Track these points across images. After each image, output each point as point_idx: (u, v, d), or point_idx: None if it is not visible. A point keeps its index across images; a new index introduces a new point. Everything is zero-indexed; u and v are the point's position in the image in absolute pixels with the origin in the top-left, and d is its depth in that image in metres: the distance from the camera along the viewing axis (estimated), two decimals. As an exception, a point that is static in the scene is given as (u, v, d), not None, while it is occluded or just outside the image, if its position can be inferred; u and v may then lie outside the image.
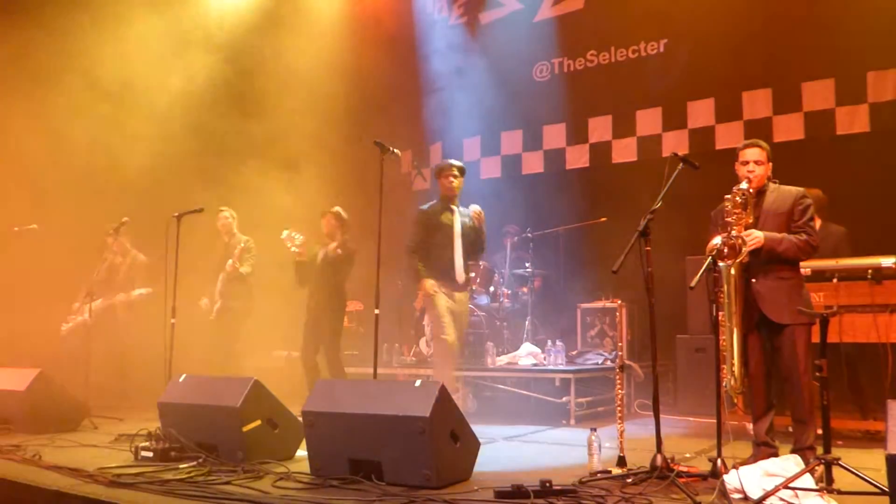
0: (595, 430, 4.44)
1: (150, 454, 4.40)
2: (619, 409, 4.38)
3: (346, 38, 9.32)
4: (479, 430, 4.25)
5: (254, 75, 8.99)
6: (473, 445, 4.03)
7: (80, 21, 7.97)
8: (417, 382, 3.92)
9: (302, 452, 4.40)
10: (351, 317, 8.22)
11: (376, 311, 5.17)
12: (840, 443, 4.72)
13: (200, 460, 4.25)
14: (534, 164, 9.34)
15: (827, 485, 3.34)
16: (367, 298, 7.41)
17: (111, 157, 7.77)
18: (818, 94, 7.45)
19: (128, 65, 7.94)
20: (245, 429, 4.29)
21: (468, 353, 7.44)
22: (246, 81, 8.90)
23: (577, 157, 8.99)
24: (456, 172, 6.19)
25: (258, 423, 4.37)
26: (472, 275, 6.79)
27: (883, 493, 2.97)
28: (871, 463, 3.36)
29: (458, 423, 3.91)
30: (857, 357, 5.40)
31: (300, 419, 4.22)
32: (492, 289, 7.82)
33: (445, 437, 3.77)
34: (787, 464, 3.52)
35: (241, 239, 7.33)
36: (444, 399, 3.76)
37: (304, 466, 4.06)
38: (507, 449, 5.23)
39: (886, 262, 5.03)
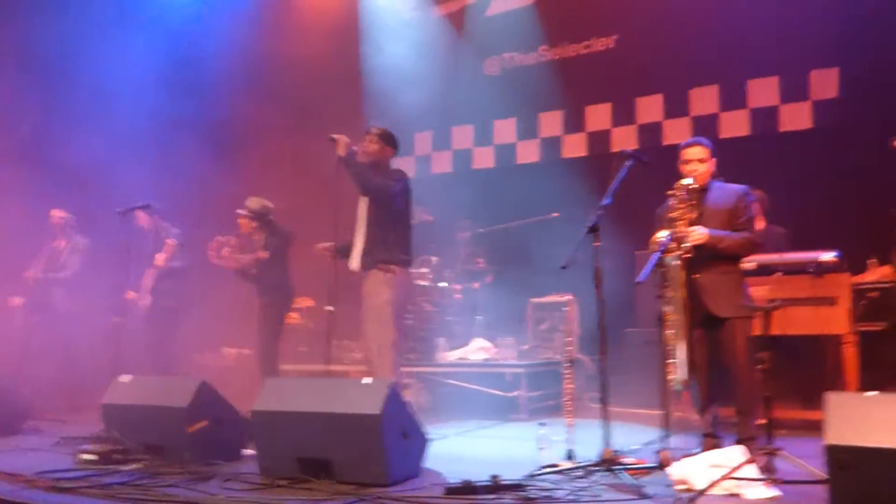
0: (545, 424, 4.47)
1: (94, 457, 4.29)
2: (567, 402, 4.42)
3: (293, 29, 9.22)
4: (430, 425, 4.24)
5: (200, 60, 8.80)
6: (424, 442, 4.03)
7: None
8: (367, 380, 3.90)
9: (250, 452, 4.34)
10: (302, 313, 8.11)
11: (329, 308, 5.12)
12: (783, 432, 4.82)
13: (145, 462, 4.16)
14: (484, 159, 9.34)
15: (770, 474, 3.41)
16: (318, 294, 7.28)
17: (53, 146, 7.52)
18: (763, 91, 7.59)
19: (69, 46, 7.68)
20: (190, 429, 4.22)
21: (420, 348, 7.42)
22: (192, 66, 8.69)
23: (528, 153, 9.02)
24: (372, 135, 5.22)
25: (204, 423, 4.30)
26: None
27: (823, 481, 3.04)
28: (812, 452, 3.44)
29: (409, 419, 3.91)
30: (798, 349, 5.53)
31: (249, 418, 4.16)
32: (443, 284, 7.81)
33: (396, 434, 3.76)
34: (732, 454, 3.59)
35: (171, 232, 6.82)
36: (394, 396, 3.75)
37: (253, 466, 4.01)
38: (458, 444, 5.23)
39: (826, 256, 5.17)
